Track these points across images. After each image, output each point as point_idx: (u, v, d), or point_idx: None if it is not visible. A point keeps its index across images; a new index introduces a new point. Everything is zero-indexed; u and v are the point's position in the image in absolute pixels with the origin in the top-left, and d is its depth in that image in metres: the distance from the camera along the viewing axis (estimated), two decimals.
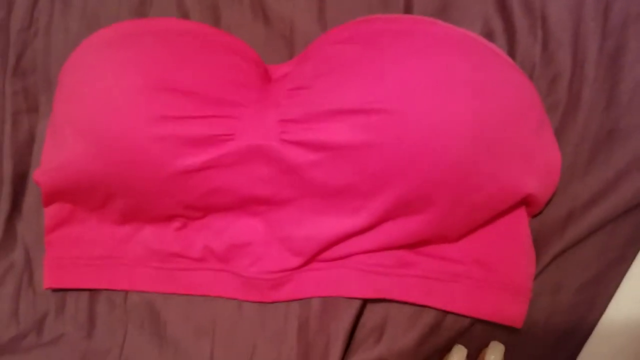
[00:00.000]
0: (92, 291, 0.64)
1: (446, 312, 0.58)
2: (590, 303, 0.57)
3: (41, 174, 0.60)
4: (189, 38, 0.58)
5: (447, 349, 0.58)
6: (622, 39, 0.60)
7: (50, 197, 0.62)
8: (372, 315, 0.59)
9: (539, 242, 0.58)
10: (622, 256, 0.57)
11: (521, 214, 0.57)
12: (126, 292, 0.63)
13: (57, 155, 0.58)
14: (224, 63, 0.57)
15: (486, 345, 0.56)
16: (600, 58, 0.60)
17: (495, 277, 0.56)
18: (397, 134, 0.49)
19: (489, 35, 0.62)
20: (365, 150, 0.50)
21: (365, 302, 0.59)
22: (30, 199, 0.68)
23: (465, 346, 0.56)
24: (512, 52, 0.61)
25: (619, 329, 0.56)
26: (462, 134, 0.49)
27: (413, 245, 0.57)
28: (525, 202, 0.56)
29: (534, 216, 0.59)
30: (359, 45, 0.54)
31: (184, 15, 0.69)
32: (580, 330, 0.57)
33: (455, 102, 0.49)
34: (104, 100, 0.53)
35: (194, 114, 0.53)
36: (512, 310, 0.56)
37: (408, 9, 0.65)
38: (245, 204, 0.58)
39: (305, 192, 0.55)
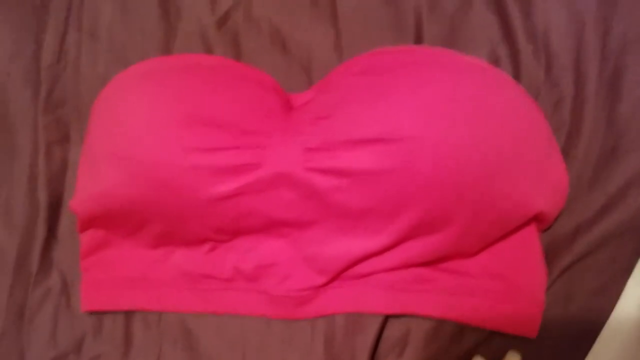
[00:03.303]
0: (128, 312, 0.66)
1: (464, 325, 0.61)
2: (599, 310, 0.60)
3: (78, 203, 0.62)
4: (216, 72, 0.61)
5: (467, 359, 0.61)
6: (621, 62, 0.63)
7: (86, 224, 0.64)
8: (394, 329, 0.62)
9: (550, 256, 0.61)
10: (629, 267, 0.60)
11: (532, 229, 0.60)
12: (160, 312, 0.66)
13: (93, 184, 0.61)
14: (249, 95, 0.60)
15: (504, 355, 0.58)
16: (601, 81, 0.63)
17: (510, 289, 0.59)
18: (416, 160, 0.52)
19: (496, 60, 0.66)
20: (386, 176, 0.53)
21: (387, 316, 0.62)
22: (64, 226, 0.70)
23: (484, 356, 0.59)
24: (517, 76, 0.64)
25: (621, 333, 0.59)
26: (478, 157, 0.52)
27: (431, 261, 0.60)
28: (536, 218, 0.59)
29: (544, 231, 0.62)
30: (376, 76, 0.57)
31: (207, 45, 0.72)
32: (591, 336, 0.60)
33: (470, 127, 0.52)
34: (139, 133, 0.56)
35: (224, 145, 0.56)
36: (527, 321, 0.59)
37: (418, 36, 0.68)
38: (271, 227, 0.61)
39: (328, 214, 0.58)
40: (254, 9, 0.73)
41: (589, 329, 0.60)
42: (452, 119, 0.52)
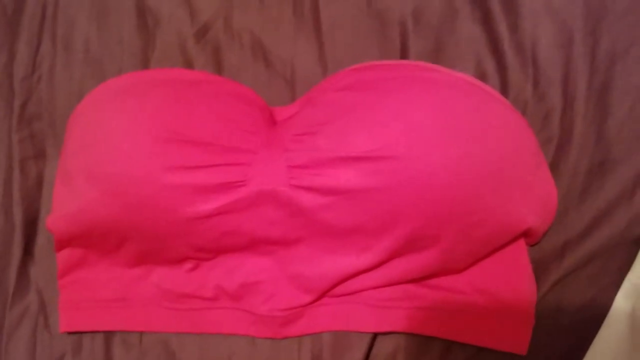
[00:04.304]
0: (108, 332, 0.65)
1: (453, 341, 0.60)
2: (589, 325, 0.60)
3: (54, 221, 0.61)
4: (196, 87, 0.59)
5: None
6: (609, 75, 0.63)
7: (63, 243, 0.63)
8: (383, 346, 0.61)
9: (539, 270, 0.60)
10: (618, 281, 0.60)
11: (521, 244, 0.59)
12: (141, 332, 0.64)
13: (70, 203, 0.59)
14: (231, 111, 0.58)
15: None
16: (590, 94, 0.63)
17: (498, 306, 0.59)
18: (404, 178, 0.52)
19: (482, 74, 0.65)
20: (373, 194, 0.53)
21: (375, 334, 0.61)
22: (41, 243, 0.68)
23: None
24: (504, 91, 0.64)
25: (610, 348, 0.59)
26: (465, 175, 0.52)
27: (420, 278, 0.59)
28: (525, 234, 0.59)
29: (532, 245, 0.61)
30: (361, 92, 0.56)
31: (187, 58, 0.71)
32: (581, 350, 0.59)
33: (457, 146, 0.52)
34: (116, 151, 0.54)
35: (205, 164, 0.54)
36: (517, 338, 0.59)
37: (404, 49, 0.67)
38: (256, 245, 0.60)
39: (315, 232, 0.57)
40: (234, 20, 0.71)
41: (579, 344, 0.60)
42: (439, 136, 0.52)
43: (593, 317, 0.60)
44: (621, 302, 0.59)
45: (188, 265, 0.62)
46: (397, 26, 0.68)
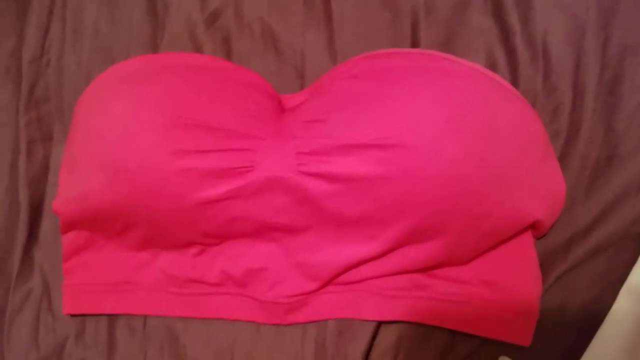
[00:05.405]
0: (112, 316, 0.65)
1: (457, 332, 0.60)
2: (594, 320, 0.59)
3: (60, 204, 0.61)
4: (204, 72, 0.59)
5: None
6: (620, 70, 0.63)
7: (69, 226, 0.63)
8: (387, 335, 0.61)
9: (544, 263, 0.60)
10: (624, 275, 0.59)
11: (528, 237, 0.60)
12: (145, 316, 0.64)
13: (76, 187, 0.59)
14: (240, 96, 0.58)
15: None
16: (599, 88, 0.63)
17: (504, 297, 0.59)
18: (411, 167, 0.52)
19: (493, 66, 0.65)
20: (381, 183, 0.53)
21: (380, 323, 0.61)
22: (46, 227, 0.69)
23: None
24: (514, 83, 0.64)
25: (612, 342, 0.59)
26: (473, 165, 0.52)
27: (425, 268, 0.59)
28: (532, 226, 0.59)
29: (539, 238, 0.61)
30: (371, 80, 0.56)
31: (197, 46, 0.71)
32: (585, 343, 0.59)
33: (466, 135, 0.52)
34: (123, 136, 0.55)
35: (213, 148, 0.55)
36: (521, 329, 0.59)
37: (415, 39, 0.67)
38: (262, 231, 0.60)
39: (321, 220, 0.57)
40: (245, 7, 0.71)
41: (583, 337, 0.60)
42: (448, 127, 0.52)
43: (597, 313, 0.60)
44: (624, 299, 0.59)
45: (194, 250, 0.62)
46: (409, 16, 0.68)
